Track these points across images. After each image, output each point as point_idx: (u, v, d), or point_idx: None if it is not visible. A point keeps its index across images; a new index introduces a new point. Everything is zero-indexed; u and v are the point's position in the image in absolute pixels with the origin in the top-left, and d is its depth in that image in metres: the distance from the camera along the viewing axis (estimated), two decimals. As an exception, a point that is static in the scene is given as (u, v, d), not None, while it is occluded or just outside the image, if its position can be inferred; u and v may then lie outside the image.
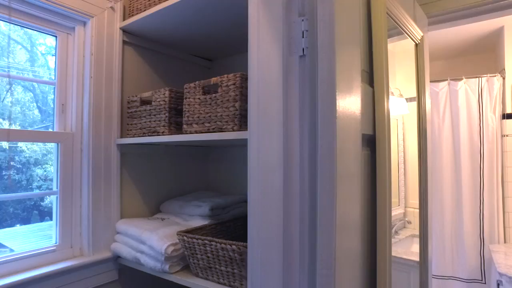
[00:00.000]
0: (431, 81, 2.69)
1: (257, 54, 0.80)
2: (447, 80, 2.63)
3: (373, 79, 0.75)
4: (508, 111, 2.47)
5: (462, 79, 2.58)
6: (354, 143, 0.66)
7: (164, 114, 1.23)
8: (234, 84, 1.01)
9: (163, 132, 1.23)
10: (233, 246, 0.95)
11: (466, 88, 2.56)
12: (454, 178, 2.59)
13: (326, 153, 0.60)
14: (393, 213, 2.50)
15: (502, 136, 2.48)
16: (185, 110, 1.16)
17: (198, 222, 1.33)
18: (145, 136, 1.29)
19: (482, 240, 2.44)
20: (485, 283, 2.40)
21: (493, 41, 2.76)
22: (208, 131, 1.08)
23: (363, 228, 0.73)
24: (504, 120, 2.48)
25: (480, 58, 3.02)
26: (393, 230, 2.32)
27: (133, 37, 1.44)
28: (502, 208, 2.44)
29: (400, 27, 0.93)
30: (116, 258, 1.33)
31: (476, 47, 2.91)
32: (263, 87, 0.79)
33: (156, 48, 1.54)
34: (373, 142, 0.74)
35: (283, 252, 0.76)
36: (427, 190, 1.07)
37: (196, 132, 1.12)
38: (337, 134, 0.60)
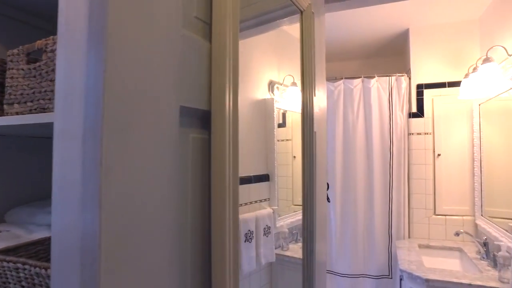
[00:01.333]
0: (346, 78, 2.69)
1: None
2: (361, 77, 2.65)
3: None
4: (414, 110, 2.56)
5: (375, 77, 2.62)
6: (161, 121, 0.45)
7: (-16, 91, 0.91)
8: (59, 47, 0.74)
9: (-18, 115, 0.91)
10: (48, 271, 0.69)
11: (378, 86, 2.61)
12: (367, 175, 2.61)
13: (89, 138, 0.39)
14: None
15: (409, 134, 2.56)
16: (7, 85, 0.86)
17: (46, 234, 1.03)
18: (-39, 121, 0.95)
19: (390, 236, 2.49)
20: (391, 278, 2.45)
21: (401, 43, 2.87)
22: (30, 113, 0.80)
23: (194, 240, 0.54)
24: (410, 118, 2.56)
25: (392, 59, 3.14)
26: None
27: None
28: (408, 205, 2.52)
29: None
30: None
31: (388, 48, 3.01)
32: (66, 42, 0.55)
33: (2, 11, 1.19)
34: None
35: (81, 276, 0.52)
36: (314, 187, 0.93)
37: (17, 114, 0.83)
38: (112, 103, 0.39)
